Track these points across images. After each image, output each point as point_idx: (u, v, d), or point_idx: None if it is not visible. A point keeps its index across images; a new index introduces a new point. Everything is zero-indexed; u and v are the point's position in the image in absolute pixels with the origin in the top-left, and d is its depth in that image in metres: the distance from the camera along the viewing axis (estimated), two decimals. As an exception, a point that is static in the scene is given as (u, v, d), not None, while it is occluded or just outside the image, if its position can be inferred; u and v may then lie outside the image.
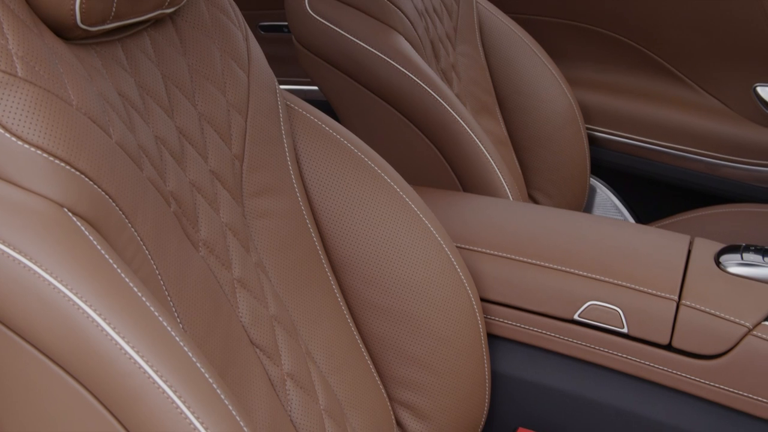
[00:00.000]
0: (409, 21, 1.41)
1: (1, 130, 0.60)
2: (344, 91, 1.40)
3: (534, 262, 1.00)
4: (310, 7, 1.38)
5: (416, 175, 1.37)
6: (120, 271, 0.60)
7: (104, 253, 0.60)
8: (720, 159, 1.64)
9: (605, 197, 1.81)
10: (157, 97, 0.77)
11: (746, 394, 0.88)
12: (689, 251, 1.01)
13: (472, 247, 1.03)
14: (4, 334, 0.59)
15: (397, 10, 1.38)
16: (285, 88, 1.81)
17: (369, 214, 0.92)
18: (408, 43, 1.37)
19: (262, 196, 0.86)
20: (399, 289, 0.91)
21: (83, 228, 0.61)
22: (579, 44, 1.80)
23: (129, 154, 0.69)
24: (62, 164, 0.62)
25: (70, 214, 0.61)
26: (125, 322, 0.57)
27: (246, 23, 0.92)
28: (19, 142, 0.60)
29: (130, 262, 0.66)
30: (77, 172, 0.62)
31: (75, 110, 0.64)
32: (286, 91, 0.95)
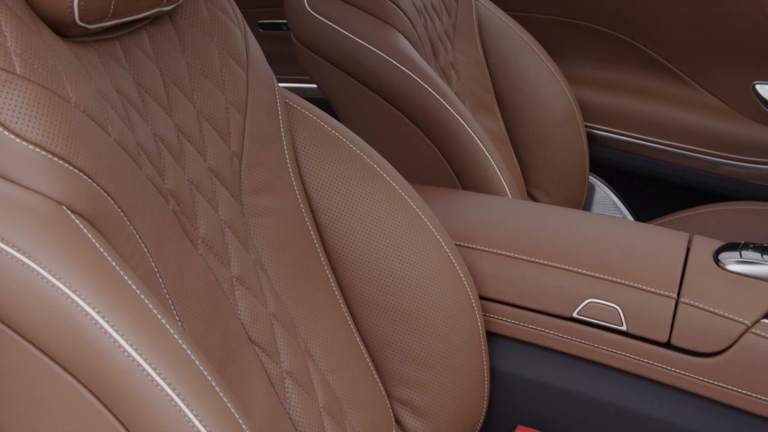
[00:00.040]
0: (408, 19, 1.41)
1: (0, 128, 0.60)
2: (343, 89, 1.40)
3: (533, 259, 0.99)
4: (309, 4, 1.38)
5: (415, 173, 1.37)
6: (119, 269, 0.60)
7: (103, 250, 0.60)
8: (719, 157, 1.64)
9: (604, 195, 1.81)
10: (156, 95, 0.77)
11: (745, 391, 0.88)
12: (688, 249, 1.01)
13: (471, 245, 1.03)
14: (3, 332, 0.59)
15: (396, 8, 1.38)
16: (284, 86, 1.80)
17: (368, 212, 0.92)
18: (407, 41, 1.37)
19: (261, 194, 0.86)
20: (398, 287, 0.91)
21: (82, 226, 0.61)
22: (578, 42, 1.80)
23: (127, 151, 0.69)
24: (61, 162, 0.61)
25: (68, 211, 0.61)
26: (124, 320, 0.57)
27: (245, 21, 0.92)
28: (18, 140, 0.60)
29: (128, 259, 0.66)
30: (76, 170, 0.62)
31: (73, 108, 0.64)
32: (284, 89, 0.95)
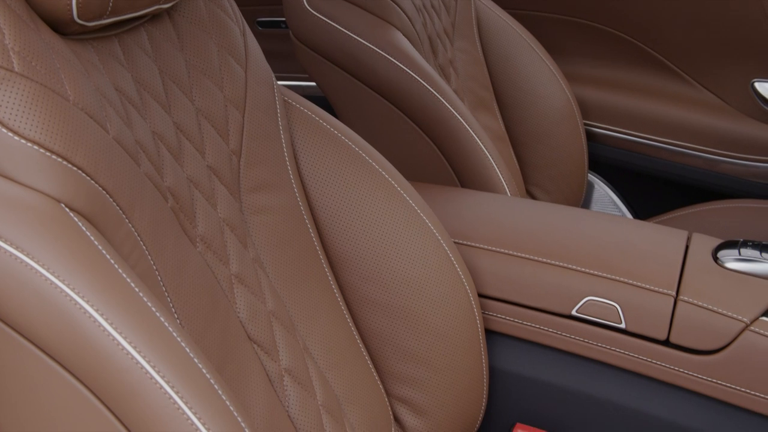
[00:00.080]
0: (407, 17, 1.41)
1: (-2, 126, 0.60)
2: (342, 87, 1.40)
3: (532, 257, 0.99)
4: (308, 2, 1.37)
5: (414, 171, 1.37)
6: (117, 267, 0.60)
7: (101, 248, 0.60)
8: (718, 155, 1.64)
9: (603, 193, 1.81)
10: (155, 93, 0.77)
11: (744, 389, 0.88)
12: (687, 247, 1.01)
13: (469, 243, 1.03)
14: (2, 330, 0.58)
15: (395, 6, 1.38)
16: (282, 83, 1.80)
17: (366, 210, 0.92)
18: (406, 39, 1.37)
19: (260, 192, 0.86)
20: (397, 285, 0.91)
21: (80, 223, 0.61)
22: (577, 40, 1.80)
23: (126, 149, 0.69)
24: (59, 159, 0.61)
25: (66, 209, 0.61)
26: (122, 318, 0.57)
27: (243, 19, 0.92)
28: (16, 138, 0.60)
29: (127, 257, 0.66)
30: (74, 168, 0.62)
31: (72, 105, 0.64)
32: (283, 87, 0.95)
